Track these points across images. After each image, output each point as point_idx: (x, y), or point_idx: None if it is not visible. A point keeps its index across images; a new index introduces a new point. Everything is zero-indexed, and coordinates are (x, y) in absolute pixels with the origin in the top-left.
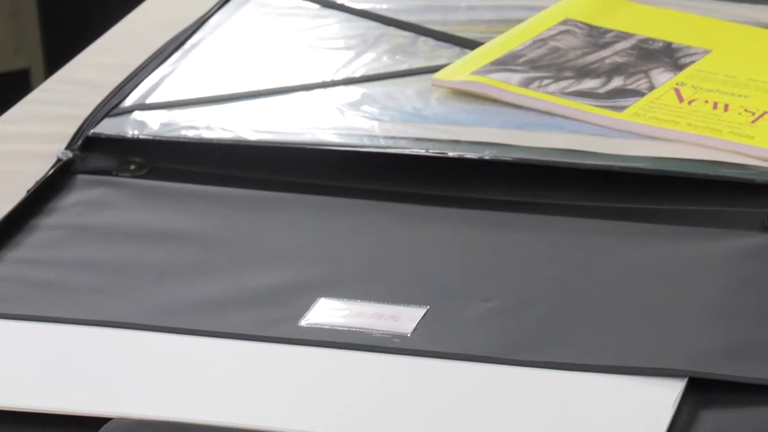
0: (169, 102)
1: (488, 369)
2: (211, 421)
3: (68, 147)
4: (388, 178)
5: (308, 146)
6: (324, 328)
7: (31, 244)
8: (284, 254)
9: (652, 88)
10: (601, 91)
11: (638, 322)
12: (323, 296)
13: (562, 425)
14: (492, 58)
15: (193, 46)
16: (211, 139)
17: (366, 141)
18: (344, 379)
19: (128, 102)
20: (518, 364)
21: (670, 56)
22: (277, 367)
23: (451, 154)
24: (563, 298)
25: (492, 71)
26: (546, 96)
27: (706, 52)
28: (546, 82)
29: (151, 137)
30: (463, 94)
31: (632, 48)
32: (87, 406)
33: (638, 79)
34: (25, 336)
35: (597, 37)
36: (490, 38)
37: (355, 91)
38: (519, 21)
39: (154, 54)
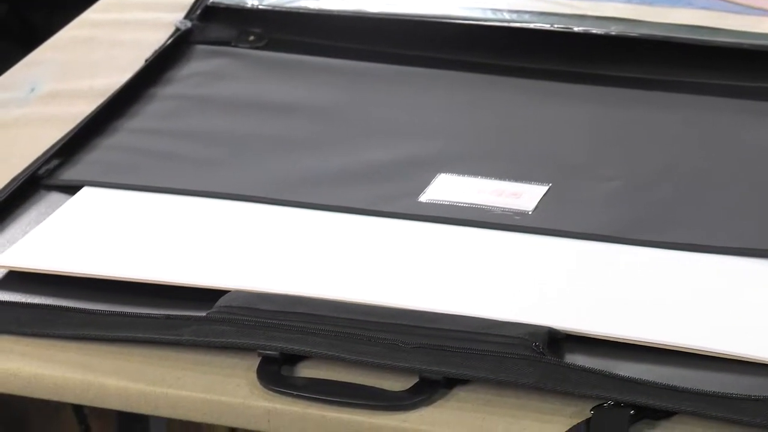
0: None
1: (610, 248)
2: (327, 295)
3: (187, 17)
4: (512, 53)
5: (431, 19)
6: (443, 204)
7: (148, 114)
8: (404, 128)
9: None
10: None
11: (765, 204)
12: (443, 172)
13: (683, 306)
14: None
15: None
16: (332, 11)
17: (490, 15)
18: (463, 256)
19: None
20: (641, 244)
21: None
22: (395, 242)
23: (576, 29)
24: (689, 178)
25: None
26: None
27: None
28: None
29: (270, 8)
30: None
31: None
32: (204, 279)
33: None
34: (141, 206)
35: None
36: None
37: None
38: None
39: None
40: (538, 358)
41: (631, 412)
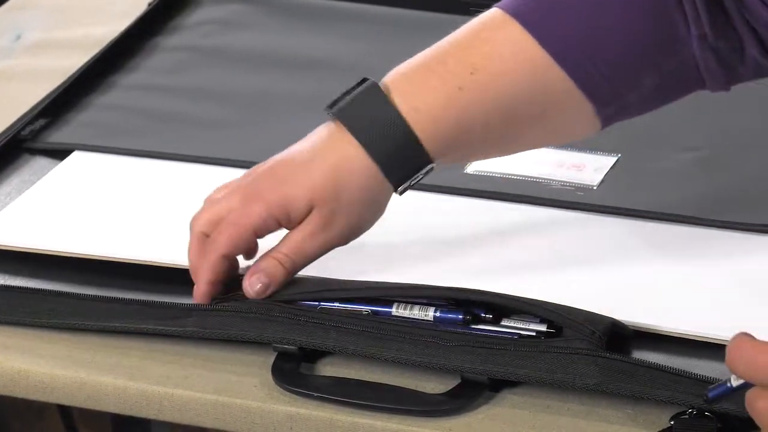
0: None
1: (687, 231)
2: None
3: None
4: None
5: None
6: (493, 176)
7: (149, 68)
8: None
9: None
10: None
11: None
12: None
13: None
14: None
15: None
16: None
17: None
18: (515, 237)
19: None
20: (725, 227)
21: None
22: (435, 220)
23: None
24: None
25: None
26: None
27: None
28: None
29: None
30: None
31: None
32: None
33: None
34: (140, 175)
35: None
36: None
37: None
38: None
39: None
40: (599, 353)
41: (719, 425)
